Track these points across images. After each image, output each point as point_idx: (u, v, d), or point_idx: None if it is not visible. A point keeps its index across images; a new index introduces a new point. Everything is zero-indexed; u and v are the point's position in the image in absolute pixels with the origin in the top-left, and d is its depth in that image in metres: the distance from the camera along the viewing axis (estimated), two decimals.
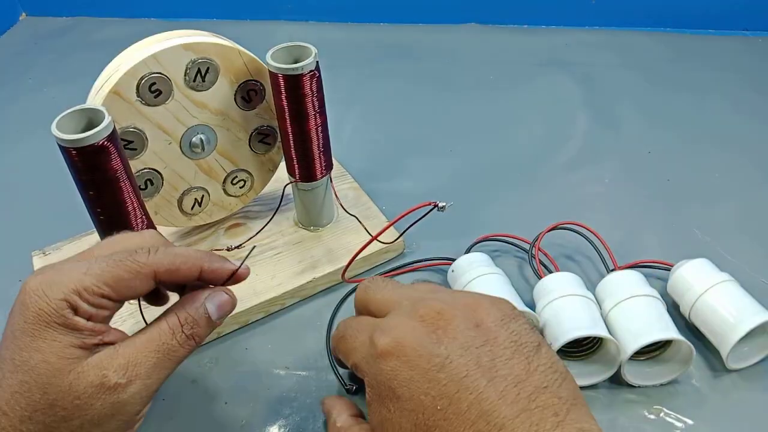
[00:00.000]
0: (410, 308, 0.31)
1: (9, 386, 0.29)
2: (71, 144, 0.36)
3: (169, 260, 0.32)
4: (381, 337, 0.30)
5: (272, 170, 0.53)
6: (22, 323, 0.29)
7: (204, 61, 0.43)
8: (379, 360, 0.29)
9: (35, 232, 0.55)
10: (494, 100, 0.73)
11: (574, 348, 0.42)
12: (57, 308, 0.29)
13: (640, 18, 0.85)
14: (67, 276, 0.30)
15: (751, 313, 0.39)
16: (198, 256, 0.33)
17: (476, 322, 0.30)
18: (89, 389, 0.29)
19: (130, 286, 0.31)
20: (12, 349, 0.29)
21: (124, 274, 0.31)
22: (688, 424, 0.39)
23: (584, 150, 0.64)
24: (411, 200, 0.45)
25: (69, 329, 0.29)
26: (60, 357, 0.29)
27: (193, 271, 0.33)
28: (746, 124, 0.66)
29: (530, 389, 0.27)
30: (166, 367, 0.31)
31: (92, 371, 0.29)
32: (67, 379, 0.29)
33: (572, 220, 0.48)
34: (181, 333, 0.32)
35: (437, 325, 0.30)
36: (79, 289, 0.29)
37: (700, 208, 0.55)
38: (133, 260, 0.31)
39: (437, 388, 0.27)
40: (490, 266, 0.46)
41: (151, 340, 0.31)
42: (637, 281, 0.43)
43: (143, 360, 0.30)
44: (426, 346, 0.29)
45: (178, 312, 0.32)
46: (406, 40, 0.87)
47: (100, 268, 0.30)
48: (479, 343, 0.29)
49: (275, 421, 0.40)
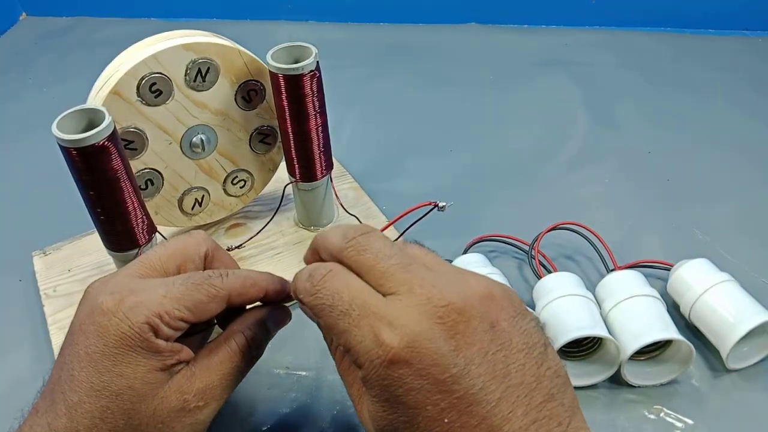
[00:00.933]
0: (425, 299, 0.27)
1: (88, 411, 0.28)
2: (72, 144, 0.36)
3: (240, 283, 0.33)
4: (391, 335, 0.26)
5: (272, 170, 0.53)
6: (101, 346, 0.29)
7: (204, 61, 0.43)
8: (388, 365, 0.26)
9: (35, 232, 0.55)
10: (494, 100, 0.73)
11: (574, 348, 0.42)
12: (140, 331, 0.29)
13: (640, 18, 0.85)
14: (147, 298, 0.30)
15: (751, 313, 0.39)
16: (264, 278, 0.34)
17: (491, 321, 0.27)
18: (171, 413, 0.29)
19: (207, 309, 0.31)
20: (90, 372, 0.29)
21: (203, 297, 0.31)
22: (688, 424, 0.39)
23: (584, 150, 0.64)
24: (411, 200, 0.45)
25: (151, 352, 0.29)
26: (144, 383, 0.29)
27: (260, 294, 0.34)
28: (746, 124, 0.66)
29: (539, 399, 0.26)
30: (233, 387, 0.33)
31: (174, 396, 0.30)
32: (152, 405, 0.29)
33: (572, 220, 0.48)
34: (249, 353, 0.33)
35: (456, 329, 0.26)
36: (161, 312, 0.30)
37: (700, 208, 0.55)
38: (210, 284, 0.31)
39: (448, 400, 0.25)
40: (486, 266, 0.46)
41: (223, 363, 0.32)
42: (637, 281, 0.43)
43: (218, 383, 0.31)
44: (444, 355, 0.26)
45: (245, 332, 0.33)
46: (406, 40, 0.87)
47: (180, 292, 0.31)
48: (495, 349, 0.27)
49: (275, 421, 0.40)
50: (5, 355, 0.46)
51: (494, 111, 0.71)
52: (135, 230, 0.42)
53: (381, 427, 0.27)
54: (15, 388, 0.43)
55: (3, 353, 0.46)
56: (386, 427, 0.27)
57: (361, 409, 0.29)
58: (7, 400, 0.32)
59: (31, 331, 0.47)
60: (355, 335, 0.27)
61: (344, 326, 0.27)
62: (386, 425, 0.27)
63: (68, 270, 0.50)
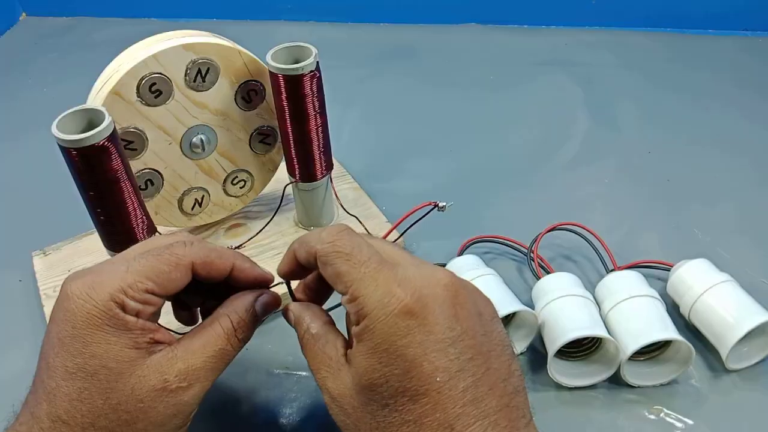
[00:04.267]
0: (429, 272, 0.29)
1: (66, 395, 0.28)
2: (71, 144, 0.36)
3: (205, 253, 0.32)
4: (403, 290, 0.28)
5: (272, 170, 0.53)
6: (70, 329, 0.29)
7: (204, 61, 0.43)
8: (398, 314, 0.27)
9: (35, 232, 0.55)
10: (494, 100, 0.73)
11: (574, 348, 0.42)
12: (105, 309, 0.29)
13: (640, 18, 0.85)
14: (109, 276, 0.30)
15: (751, 314, 0.39)
16: (231, 253, 0.34)
17: (479, 310, 0.30)
18: (152, 392, 0.29)
19: (171, 278, 0.31)
20: (63, 357, 0.29)
21: (164, 266, 0.31)
22: (688, 424, 0.39)
23: (584, 150, 0.64)
24: (411, 200, 0.45)
25: (120, 330, 0.29)
26: (118, 361, 0.29)
27: (226, 267, 0.33)
28: (746, 124, 0.66)
29: (511, 388, 0.28)
30: (219, 368, 0.32)
31: (153, 375, 0.29)
32: (129, 383, 0.29)
33: (572, 221, 0.48)
34: (234, 336, 0.32)
35: (457, 300, 0.29)
36: (124, 287, 0.30)
37: (700, 208, 0.55)
38: (171, 252, 0.31)
39: (443, 360, 0.27)
40: (479, 268, 0.45)
41: (207, 345, 0.31)
42: (636, 281, 0.43)
43: (201, 364, 0.31)
44: (447, 317, 0.28)
45: (230, 315, 0.33)
46: (406, 40, 0.87)
47: (140, 264, 0.31)
48: (482, 332, 0.29)
49: (275, 421, 0.40)
50: (5, 355, 0.46)
51: (494, 111, 0.71)
52: (135, 230, 0.42)
53: (371, 381, 0.28)
54: (15, 387, 0.43)
55: (3, 353, 0.46)
56: (378, 379, 0.28)
57: (336, 371, 0.30)
58: (7, 400, 0.32)
59: (31, 331, 0.47)
60: (368, 285, 0.28)
61: (359, 275, 0.29)
62: (378, 377, 0.28)
63: (68, 270, 0.50)
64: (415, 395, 0.27)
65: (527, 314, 0.42)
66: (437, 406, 0.27)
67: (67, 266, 0.51)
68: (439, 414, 0.27)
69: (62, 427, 0.28)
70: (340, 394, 0.29)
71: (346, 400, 0.29)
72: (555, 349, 0.39)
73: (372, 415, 0.28)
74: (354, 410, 0.29)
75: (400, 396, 0.27)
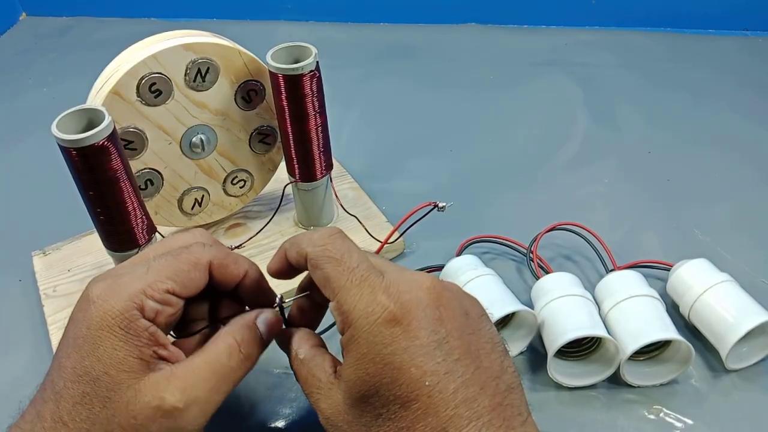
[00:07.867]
0: (412, 275, 0.30)
1: (71, 396, 0.28)
2: (71, 144, 0.36)
3: (223, 255, 0.33)
4: (387, 298, 0.28)
5: (272, 170, 0.53)
6: (84, 330, 0.29)
7: (204, 61, 0.43)
8: (383, 323, 0.28)
9: (35, 232, 0.55)
10: (494, 100, 0.73)
11: (574, 348, 0.42)
12: (123, 310, 0.29)
13: (639, 18, 0.85)
14: (130, 278, 0.30)
15: (751, 313, 0.39)
16: (245, 261, 0.34)
17: (465, 309, 0.30)
18: (146, 410, 0.28)
19: (191, 278, 0.31)
20: (74, 358, 0.29)
21: (184, 266, 0.31)
22: (688, 424, 0.39)
23: (584, 150, 0.64)
24: (411, 200, 0.45)
25: (129, 334, 0.29)
26: (119, 369, 0.28)
27: (240, 272, 0.33)
28: (746, 124, 0.66)
29: (504, 386, 0.28)
30: (223, 390, 0.30)
31: (149, 392, 0.28)
32: (126, 396, 0.28)
33: (571, 221, 0.48)
34: (238, 354, 0.31)
35: (440, 302, 0.29)
36: (144, 287, 0.30)
37: (700, 208, 0.55)
38: (190, 252, 0.32)
39: (430, 364, 0.27)
40: (478, 268, 0.45)
41: (208, 363, 0.30)
42: (636, 281, 0.43)
43: (201, 383, 0.29)
44: (431, 321, 0.28)
45: (234, 333, 0.32)
46: (406, 40, 0.87)
47: (160, 264, 0.31)
48: (470, 331, 0.29)
49: (275, 421, 0.40)
50: (5, 355, 0.46)
51: (494, 111, 0.71)
52: (135, 230, 0.42)
53: (361, 392, 0.28)
54: (15, 387, 0.43)
55: (3, 353, 0.46)
56: (368, 390, 0.28)
57: (327, 391, 0.30)
58: (7, 400, 0.32)
59: (31, 331, 0.47)
60: (354, 294, 0.29)
61: (346, 283, 0.29)
62: (368, 389, 0.28)
63: (68, 270, 0.50)
64: (406, 402, 0.27)
65: (526, 314, 0.42)
66: (429, 410, 0.27)
67: (66, 266, 0.51)
68: (431, 418, 0.27)
69: (62, 428, 0.28)
70: (333, 412, 0.29)
71: (340, 417, 0.29)
72: (555, 349, 0.39)
73: (366, 428, 0.28)
74: (349, 425, 0.29)
75: (392, 404, 0.27)
